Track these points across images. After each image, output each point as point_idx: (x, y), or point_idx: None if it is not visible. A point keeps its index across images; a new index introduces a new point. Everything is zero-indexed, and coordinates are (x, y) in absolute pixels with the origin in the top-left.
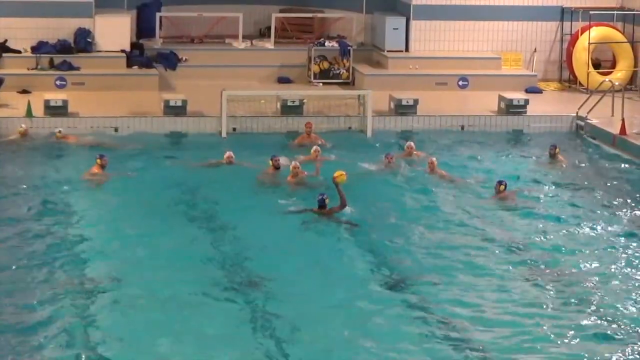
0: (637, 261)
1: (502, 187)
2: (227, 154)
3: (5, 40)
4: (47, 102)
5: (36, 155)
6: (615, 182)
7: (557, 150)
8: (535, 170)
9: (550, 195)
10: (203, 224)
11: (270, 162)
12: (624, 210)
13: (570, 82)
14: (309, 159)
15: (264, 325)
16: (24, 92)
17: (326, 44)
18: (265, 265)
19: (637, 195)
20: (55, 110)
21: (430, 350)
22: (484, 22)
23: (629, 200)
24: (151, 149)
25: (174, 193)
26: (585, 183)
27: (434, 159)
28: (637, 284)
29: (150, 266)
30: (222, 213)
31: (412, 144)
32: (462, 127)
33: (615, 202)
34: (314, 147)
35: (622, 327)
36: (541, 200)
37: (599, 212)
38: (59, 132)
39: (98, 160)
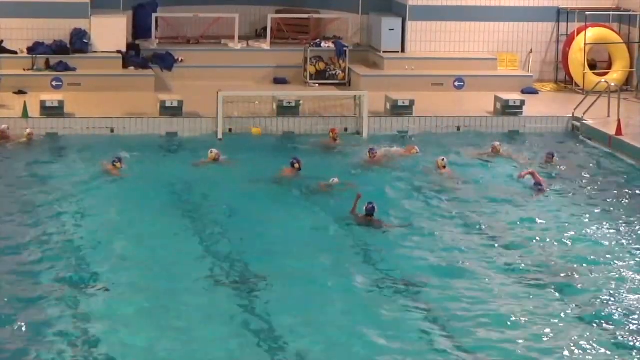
0: (634, 262)
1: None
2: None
3: (1, 41)
4: (43, 102)
5: (38, 155)
6: (611, 183)
7: (555, 158)
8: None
9: (547, 195)
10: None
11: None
12: (620, 211)
13: (566, 82)
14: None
15: (262, 324)
16: (20, 92)
17: (322, 44)
18: (268, 264)
19: (633, 196)
20: (52, 111)
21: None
22: (480, 23)
23: (625, 201)
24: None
25: (178, 191)
26: (581, 184)
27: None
28: (635, 284)
29: (151, 264)
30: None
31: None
32: (458, 128)
33: (611, 203)
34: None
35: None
36: (538, 201)
37: (594, 213)
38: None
39: (117, 164)
